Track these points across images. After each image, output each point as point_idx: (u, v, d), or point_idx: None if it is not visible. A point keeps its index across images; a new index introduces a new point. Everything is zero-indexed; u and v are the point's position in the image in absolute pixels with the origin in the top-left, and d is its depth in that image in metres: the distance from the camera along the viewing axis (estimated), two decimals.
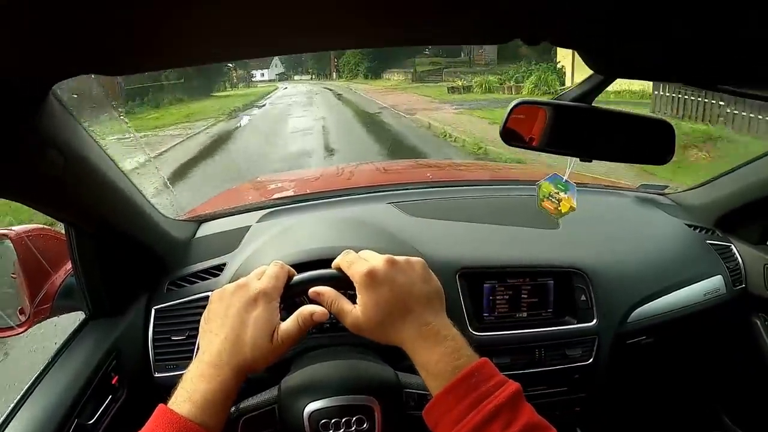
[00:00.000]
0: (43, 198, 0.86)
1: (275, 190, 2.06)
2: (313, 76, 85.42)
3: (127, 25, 0.50)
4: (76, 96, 0.80)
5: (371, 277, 0.75)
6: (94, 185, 0.93)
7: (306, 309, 0.76)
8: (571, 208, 1.14)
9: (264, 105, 29.70)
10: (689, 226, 1.63)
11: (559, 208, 1.15)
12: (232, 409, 0.86)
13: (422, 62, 43.99)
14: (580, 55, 0.77)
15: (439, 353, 0.71)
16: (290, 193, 1.83)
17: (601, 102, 0.97)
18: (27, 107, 0.67)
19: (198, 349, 0.79)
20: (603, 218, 1.55)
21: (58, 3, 0.43)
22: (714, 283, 1.49)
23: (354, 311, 0.75)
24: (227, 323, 0.73)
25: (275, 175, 4.70)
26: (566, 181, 1.14)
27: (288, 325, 0.74)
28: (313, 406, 0.83)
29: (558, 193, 1.15)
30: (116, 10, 0.46)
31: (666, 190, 1.90)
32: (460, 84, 26.62)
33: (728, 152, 8.59)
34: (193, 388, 0.67)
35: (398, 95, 27.74)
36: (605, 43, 0.67)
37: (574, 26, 0.63)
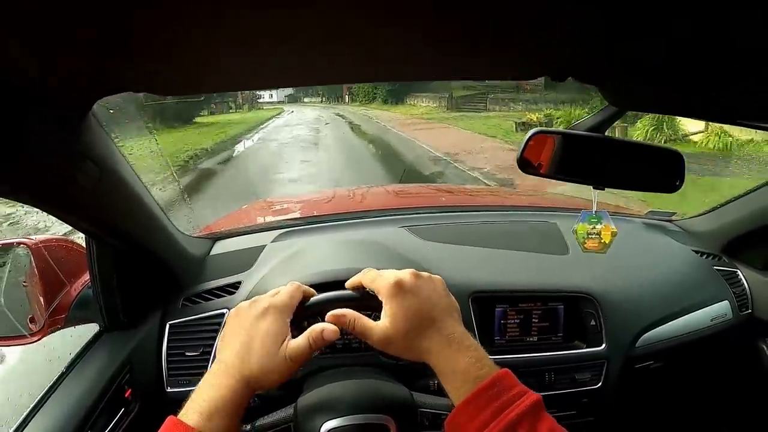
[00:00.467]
0: (75, 209, 0.87)
1: (288, 211, 2.08)
2: (323, 99, 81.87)
3: (167, 47, 0.52)
4: (111, 111, 0.82)
5: (399, 287, 0.76)
6: (124, 199, 0.95)
7: (317, 327, 0.76)
8: (613, 234, 1.15)
9: (240, 149, 18.79)
10: (696, 252, 1.63)
11: (603, 241, 1.16)
12: (248, 427, 0.87)
13: (456, 86, 33.88)
14: (600, 90, 0.80)
15: (464, 362, 0.72)
16: (303, 214, 1.84)
17: None
18: (71, 121, 0.69)
19: (212, 361, 0.79)
20: (612, 244, 1.56)
21: (106, 27, 0.46)
22: (721, 308, 1.49)
23: (380, 325, 0.75)
24: (238, 336, 0.74)
25: (288, 196, 4.71)
26: (596, 212, 1.16)
27: (299, 342, 0.74)
28: (329, 425, 0.83)
29: (594, 227, 1.16)
30: (159, 33, 0.48)
31: (673, 217, 1.91)
32: (535, 118, 19.46)
33: None
34: (201, 399, 0.68)
35: (439, 130, 20.24)
36: (624, 80, 0.70)
37: (598, 64, 0.66)
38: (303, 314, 0.79)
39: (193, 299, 1.29)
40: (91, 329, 1.18)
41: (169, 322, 1.23)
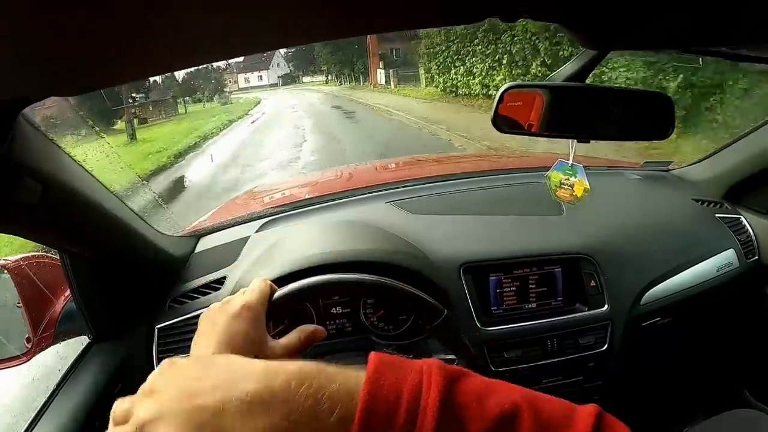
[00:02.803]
0: (25, 226, 0.84)
1: (273, 199, 2.05)
2: (332, 77, 58.70)
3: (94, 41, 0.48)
4: (53, 120, 0.79)
5: None
6: (79, 209, 0.91)
7: (309, 326, 0.76)
8: (586, 190, 1.13)
9: None
10: (697, 201, 1.61)
11: (575, 194, 1.14)
12: None
13: None
14: (565, 31, 0.74)
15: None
16: (287, 200, 1.82)
17: None
18: None
19: None
20: (608, 200, 1.52)
21: (23, 26, 0.42)
22: (726, 257, 1.47)
23: None
24: (214, 339, 0.71)
25: (274, 183, 4.66)
26: (572, 164, 1.13)
27: (289, 339, 0.75)
28: None
29: (568, 179, 1.14)
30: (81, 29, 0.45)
31: (670, 166, 1.88)
32: None
33: None
34: None
35: None
36: (592, 14, 0.65)
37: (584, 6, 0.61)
38: (271, 309, 0.78)
39: (180, 300, 1.27)
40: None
41: (158, 326, 1.21)
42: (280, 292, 0.82)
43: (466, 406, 0.46)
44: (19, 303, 1.22)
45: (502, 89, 1.01)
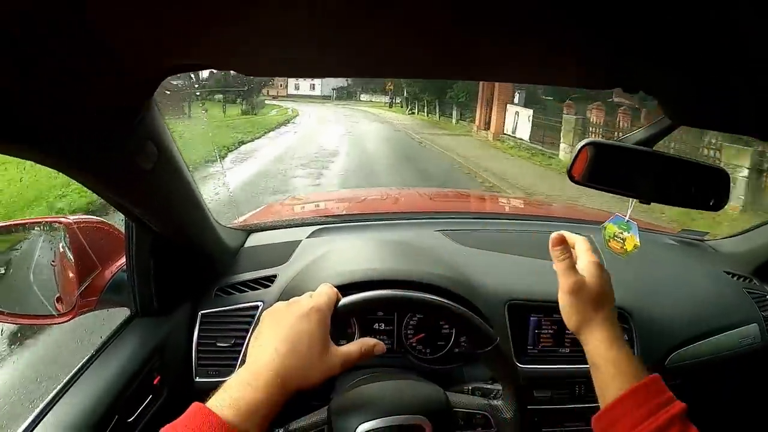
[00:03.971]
0: (130, 191, 0.86)
1: (323, 207, 2.07)
2: (396, 101, 48.61)
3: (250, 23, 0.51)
4: (168, 92, 0.81)
5: (600, 265, 0.91)
6: (175, 184, 0.94)
7: (369, 340, 0.79)
8: (635, 246, 1.15)
9: None
10: (727, 273, 1.61)
11: (625, 247, 1.17)
12: (281, 430, 0.87)
13: None
14: (660, 103, 0.81)
15: (622, 356, 0.80)
16: (339, 211, 1.83)
17: None
18: (138, 98, 0.68)
19: (242, 359, 0.78)
20: (645, 260, 1.53)
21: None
22: (750, 330, 1.46)
23: (579, 275, 0.89)
24: (279, 336, 0.73)
25: (323, 193, 4.72)
26: (628, 220, 1.15)
27: (350, 348, 0.76)
28: (365, 427, 0.83)
29: (622, 233, 1.16)
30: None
31: (705, 237, 1.89)
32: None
33: None
34: (238, 395, 0.66)
35: None
36: (690, 92, 0.70)
37: (666, 77, 0.66)
38: (335, 316, 0.79)
39: (227, 290, 1.28)
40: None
41: (201, 312, 1.22)
42: (345, 300, 0.83)
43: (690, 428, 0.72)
44: (53, 262, 1.23)
45: (580, 144, 1.04)
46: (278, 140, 19.23)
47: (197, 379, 1.18)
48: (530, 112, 18.04)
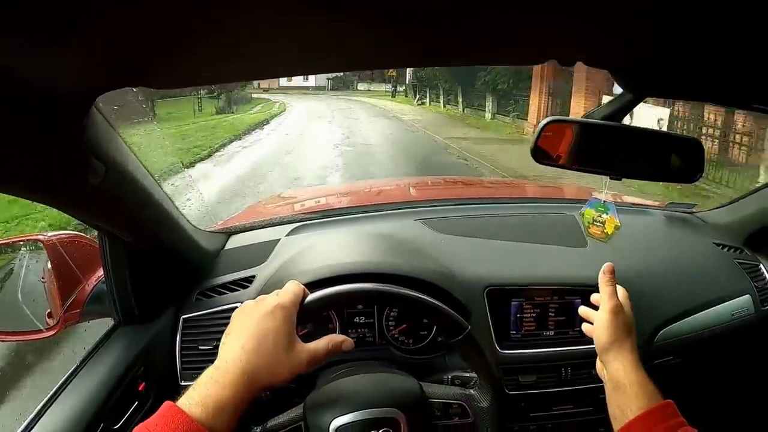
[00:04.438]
0: (83, 206, 0.87)
1: (303, 205, 2.08)
2: (400, 88, 42.33)
3: (168, 40, 0.51)
4: (116, 108, 0.82)
5: (618, 308, 0.97)
6: (132, 195, 0.94)
7: (337, 337, 0.81)
8: (616, 227, 1.15)
9: None
10: (717, 244, 1.60)
11: (605, 231, 1.16)
12: (258, 429, 0.88)
13: None
14: (612, 76, 0.79)
15: (647, 377, 0.89)
16: (319, 207, 1.84)
17: None
18: (73, 118, 0.68)
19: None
20: (631, 237, 1.52)
21: (107, 21, 0.45)
22: (742, 302, 1.46)
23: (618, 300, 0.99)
24: (245, 333, 0.74)
25: (303, 190, 4.71)
26: (604, 202, 1.15)
27: (317, 345, 0.78)
28: (339, 422, 0.84)
29: (600, 216, 1.15)
30: (161, 28, 0.48)
31: (694, 209, 1.88)
32: None
33: None
34: (205, 393, 0.68)
35: None
36: (637, 64, 0.69)
37: (609, 48, 0.65)
38: (302, 312, 0.80)
39: (207, 293, 1.29)
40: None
41: (183, 316, 1.23)
42: (311, 296, 0.84)
43: None
44: (43, 278, 1.25)
45: (542, 123, 1.03)
46: (236, 160, 12.54)
47: (183, 383, 1.19)
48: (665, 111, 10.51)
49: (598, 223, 1.17)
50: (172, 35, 0.51)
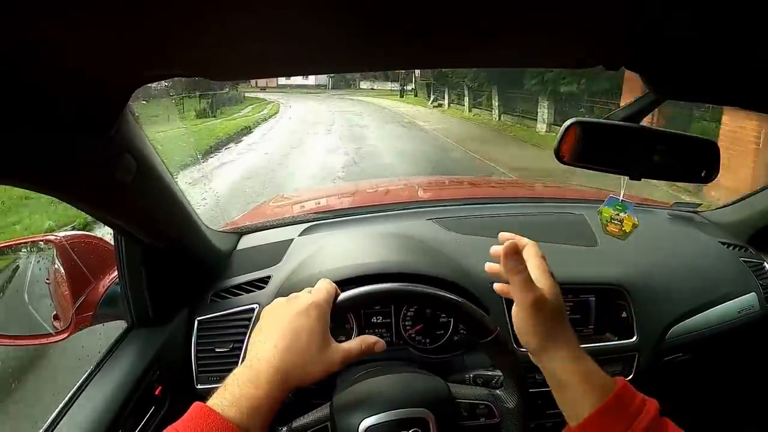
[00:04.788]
0: (111, 205, 0.86)
1: (313, 204, 2.07)
2: (408, 86, 37.85)
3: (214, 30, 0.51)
4: (144, 102, 0.81)
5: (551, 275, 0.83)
6: (157, 194, 0.94)
7: (370, 338, 0.80)
8: (634, 225, 1.16)
9: None
10: (723, 243, 1.62)
11: (624, 229, 1.17)
12: (284, 429, 0.86)
13: None
14: (642, 78, 0.79)
15: (593, 365, 0.76)
16: (329, 207, 1.83)
17: None
18: (111, 110, 0.67)
19: (244, 356, 0.78)
20: (640, 235, 1.54)
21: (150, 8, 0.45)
22: (748, 300, 1.48)
23: (541, 289, 0.79)
24: (278, 332, 0.73)
25: (313, 189, 4.69)
26: (622, 201, 1.15)
27: (351, 345, 0.77)
28: (368, 422, 0.83)
29: (618, 214, 1.17)
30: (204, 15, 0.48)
31: (699, 208, 1.90)
32: None
33: None
34: (239, 393, 0.66)
35: None
36: (675, 67, 0.71)
37: (650, 52, 0.66)
38: (335, 311, 0.79)
39: (222, 294, 1.28)
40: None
41: (198, 318, 1.22)
42: (344, 295, 0.83)
43: (666, 424, 0.72)
44: (47, 280, 1.23)
45: (566, 124, 1.03)
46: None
47: (198, 386, 1.18)
48: None
49: (616, 221, 1.18)
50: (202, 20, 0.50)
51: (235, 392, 0.66)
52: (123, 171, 0.76)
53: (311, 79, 55.13)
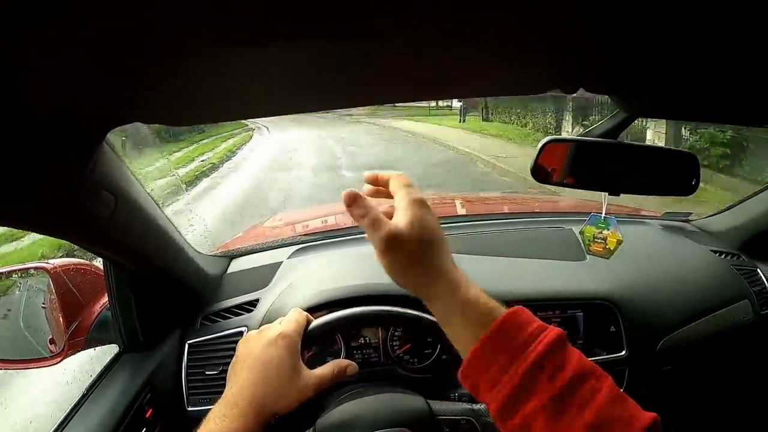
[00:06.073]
0: (93, 238, 0.88)
1: (303, 226, 2.08)
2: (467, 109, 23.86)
3: (184, 82, 0.52)
4: (124, 138, 0.83)
5: (422, 201, 0.69)
6: (140, 225, 0.95)
7: (342, 362, 0.81)
8: (619, 242, 1.16)
9: None
10: (714, 251, 1.61)
11: (608, 247, 1.17)
12: None
13: None
14: (612, 98, 0.81)
15: (471, 299, 0.63)
16: (318, 228, 1.84)
17: None
18: (85, 151, 0.69)
19: None
20: (629, 248, 1.54)
21: (116, 59, 0.46)
22: (741, 307, 1.48)
23: (394, 222, 0.66)
24: (249, 364, 0.76)
25: (303, 211, 4.67)
26: (605, 217, 1.16)
27: (323, 371, 0.79)
28: None
29: (601, 232, 1.17)
30: (167, 64, 0.50)
31: (690, 217, 1.90)
32: None
33: None
34: (216, 429, 0.69)
35: None
36: (636, 87, 0.70)
37: (608, 74, 0.66)
38: (307, 339, 0.82)
39: (212, 318, 1.29)
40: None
41: (188, 342, 1.23)
42: (315, 323, 0.85)
43: (570, 354, 0.58)
44: (44, 304, 1.25)
45: (542, 142, 1.05)
46: None
47: (189, 408, 1.19)
48: None
49: (599, 240, 1.19)
50: (175, 73, 0.52)
51: (212, 428, 0.69)
52: (101, 206, 0.78)
53: None
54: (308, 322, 0.84)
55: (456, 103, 26.43)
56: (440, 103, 30.92)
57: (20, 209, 0.66)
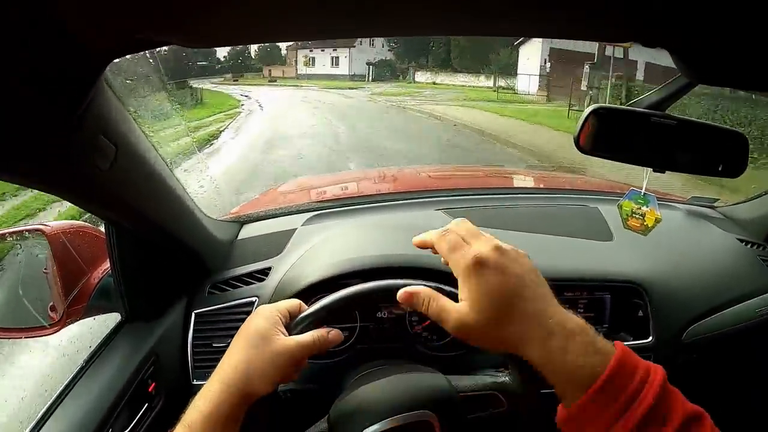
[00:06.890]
0: (90, 194, 0.80)
1: (318, 192, 2.03)
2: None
3: None
4: (129, 81, 0.75)
5: (480, 264, 0.64)
6: (143, 181, 0.88)
7: (325, 329, 0.77)
8: (657, 220, 1.13)
9: None
10: (740, 240, 1.57)
11: (646, 223, 1.15)
12: None
13: None
14: (675, 60, 0.73)
15: (572, 352, 0.59)
16: (334, 195, 1.79)
17: None
18: (80, 89, 0.61)
19: None
20: (656, 231, 1.50)
21: None
22: (766, 299, 1.40)
23: (459, 308, 0.64)
24: (234, 343, 0.73)
25: (318, 177, 4.63)
26: (645, 194, 1.13)
27: (303, 338, 0.74)
28: None
29: (640, 208, 1.14)
30: None
31: (716, 203, 1.85)
32: None
33: None
34: (193, 410, 0.67)
35: None
36: (712, 49, 0.65)
37: (689, 31, 0.61)
38: (296, 328, 0.77)
39: (220, 286, 1.24)
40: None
41: (195, 311, 1.18)
42: (308, 311, 0.80)
43: (674, 397, 0.60)
44: (45, 269, 1.19)
45: (586, 111, 0.99)
46: None
47: (195, 382, 1.14)
48: None
49: (638, 216, 1.15)
50: None
51: (186, 418, 0.67)
52: (100, 156, 0.70)
53: (343, 67, 43.43)
54: (299, 311, 0.80)
55: (533, 87, 20.91)
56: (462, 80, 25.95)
57: (8, 158, 0.59)
